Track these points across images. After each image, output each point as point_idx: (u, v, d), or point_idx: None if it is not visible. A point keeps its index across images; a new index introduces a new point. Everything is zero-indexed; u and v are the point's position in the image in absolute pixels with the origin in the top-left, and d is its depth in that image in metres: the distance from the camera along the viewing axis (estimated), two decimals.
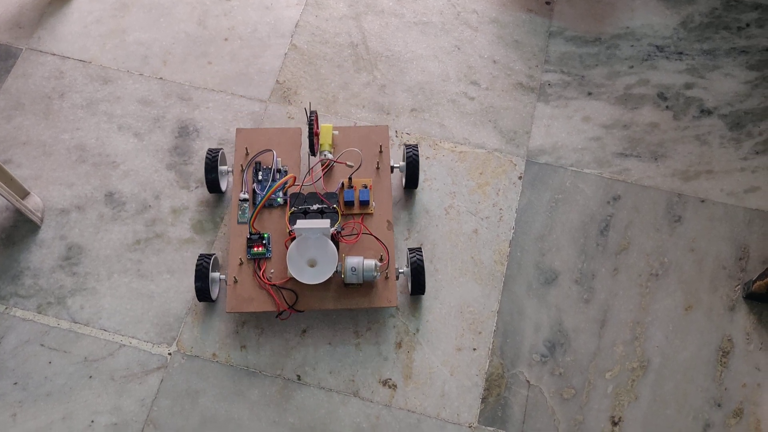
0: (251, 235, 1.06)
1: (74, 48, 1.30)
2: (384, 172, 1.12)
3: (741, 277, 1.12)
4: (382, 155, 1.12)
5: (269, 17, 1.34)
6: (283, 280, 1.03)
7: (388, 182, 1.11)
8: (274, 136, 1.14)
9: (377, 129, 1.15)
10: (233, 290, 1.03)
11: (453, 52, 1.31)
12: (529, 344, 1.08)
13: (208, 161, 1.12)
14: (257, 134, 1.14)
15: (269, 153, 1.12)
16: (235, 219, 1.07)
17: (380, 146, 1.13)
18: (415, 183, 1.14)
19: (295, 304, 1.02)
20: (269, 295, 1.03)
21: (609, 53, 1.31)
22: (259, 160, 1.11)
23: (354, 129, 1.15)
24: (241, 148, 1.12)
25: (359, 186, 1.09)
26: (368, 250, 1.06)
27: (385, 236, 1.07)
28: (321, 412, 1.03)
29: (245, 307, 1.02)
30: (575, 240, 1.15)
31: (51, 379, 1.04)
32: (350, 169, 1.10)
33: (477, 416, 1.03)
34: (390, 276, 1.04)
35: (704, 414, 1.04)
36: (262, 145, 1.13)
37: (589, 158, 1.21)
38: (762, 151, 1.22)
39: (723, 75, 1.28)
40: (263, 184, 1.10)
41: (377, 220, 1.08)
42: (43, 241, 1.13)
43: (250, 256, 1.05)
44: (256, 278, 1.03)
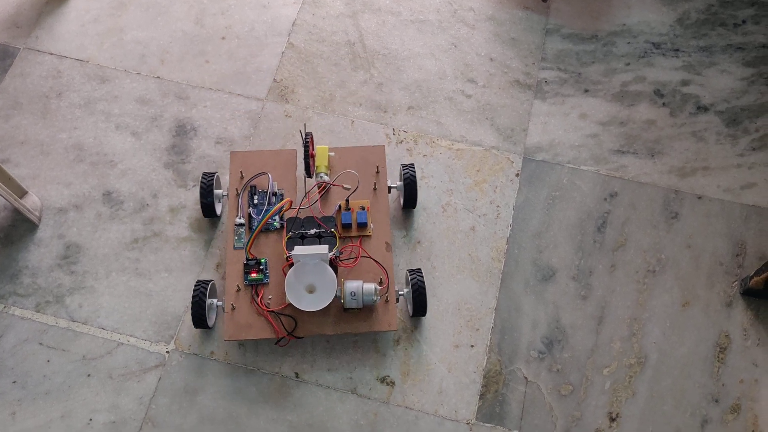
0: (248, 261, 1.03)
1: (72, 47, 1.30)
2: (381, 193, 1.10)
3: (738, 273, 1.12)
4: (379, 176, 1.11)
5: (266, 16, 1.34)
6: (282, 306, 1.02)
7: (385, 203, 1.10)
8: (269, 159, 1.12)
9: (373, 149, 1.13)
10: (231, 318, 1.01)
11: (450, 49, 1.31)
12: (527, 341, 1.08)
13: (203, 186, 1.10)
14: (252, 157, 1.12)
15: (264, 176, 1.10)
16: (231, 244, 1.05)
17: (377, 167, 1.11)
18: (413, 203, 1.12)
19: (294, 330, 1.01)
20: (267, 321, 1.01)
21: (606, 50, 1.31)
22: (255, 183, 1.10)
23: (350, 150, 1.13)
24: (236, 171, 1.10)
25: (356, 208, 1.08)
26: (367, 272, 1.04)
27: (384, 258, 1.05)
28: (319, 409, 1.03)
29: (243, 335, 1.01)
30: (572, 237, 1.15)
31: (50, 378, 1.04)
32: (347, 191, 1.08)
33: (475, 413, 1.03)
34: (390, 299, 1.03)
35: (702, 410, 1.04)
36: (257, 168, 1.10)
37: (586, 155, 1.22)
38: (758, 148, 1.22)
39: (719, 72, 1.29)
40: (259, 208, 1.08)
41: (376, 241, 1.07)
42: (42, 240, 1.13)
43: (247, 282, 1.03)
44: (254, 305, 1.02)
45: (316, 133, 1.22)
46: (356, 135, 1.22)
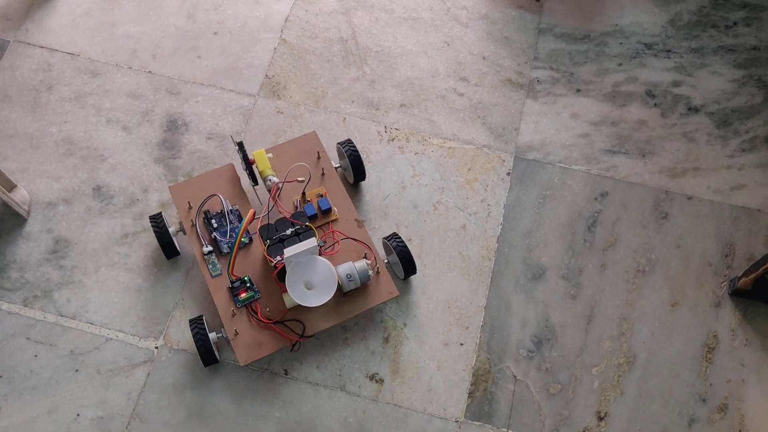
0: (233, 284, 1.02)
1: (62, 41, 1.29)
2: (331, 176, 1.11)
3: (727, 274, 1.13)
4: (322, 160, 1.11)
5: (259, 11, 1.33)
6: (283, 313, 1.01)
7: (338, 184, 1.10)
8: (210, 180, 1.09)
9: (307, 137, 1.13)
10: (238, 342, 0.99)
11: (442, 48, 1.31)
12: (516, 339, 1.08)
13: (158, 229, 1.06)
14: (192, 184, 1.09)
15: (213, 198, 1.07)
16: (208, 274, 1.03)
17: (317, 153, 1.12)
18: (362, 175, 1.14)
19: (303, 331, 1.01)
20: (275, 333, 1.00)
21: (598, 50, 1.31)
22: (206, 208, 1.07)
23: (286, 145, 1.12)
24: (183, 203, 1.07)
25: (314, 197, 1.08)
26: (349, 252, 1.05)
27: (361, 234, 1.07)
28: (308, 406, 1.03)
29: (258, 354, 0.99)
30: (563, 236, 1.15)
31: (37, 373, 1.04)
32: (301, 185, 1.08)
33: (464, 411, 1.03)
34: (381, 269, 1.05)
35: (689, 409, 1.04)
36: (201, 194, 1.07)
37: (577, 155, 1.22)
38: (748, 149, 1.23)
39: (710, 73, 1.29)
40: (221, 231, 1.06)
41: (345, 222, 1.08)
42: (30, 234, 1.13)
43: (240, 304, 1.01)
44: (255, 322, 1.01)
45: (308, 129, 1.22)
46: (348, 132, 1.22)
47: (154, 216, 1.07)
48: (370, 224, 1.15)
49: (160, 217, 1.07)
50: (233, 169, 1.11)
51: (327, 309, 1.02)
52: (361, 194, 1.17)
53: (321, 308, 1.01)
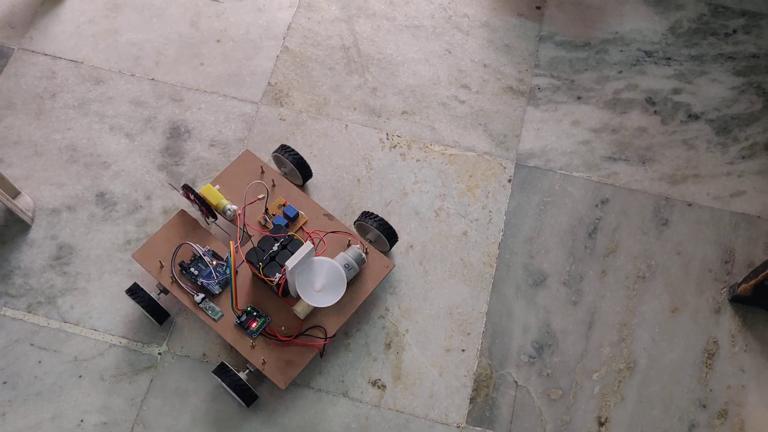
0: (239, 318, 1.01)
1: (66, 48, 1.30)
2: (282, 184, 1.11)
3: (726, 280, 1.14)
4: (266, 174, 1.11)
5: (261, 19, 1.34)
6: (299, 325, 1.01)
7: (293, 189, 1.11)
8: (170, 233, 1.06)
9: (244, 157, 1.12)
10: (270, 370, 0.99)
11: (444, 55, 1.32)
12: (518, 345, 1.09)
13: (144, 300, 1.03)
14: (154, 244, 1.05)
15: (183, 247, 1.04)
16: (210, 320, 1.01)
17: (261, 167, 1.11)
18: (309, 174, 1.15)
19: (326, 334, 1.01)
20: (300, 346, 1.00)
21: (598, 58, 1.32)
22: (179, 260, 1.04)
23: (227, 172, 1.11)
24: (153, 265, 1.04)
25: (277, 209, 1.09)
26: (333, 246, 1.06)
27: (337, 225, 1.08)
28: (311, 412, 1.03)
29: (293, 372, 0.99)
30: (564, 242, 1.16)
31: (41, 379, 1.04)
32: (260, 204, 1.08)
33: (465, 416, 1.04)
34: (368, 249, 1.06)
35: (689, 415, 1.05)
36: (165, 249, 1.04)
37: (578, 162, 1.23)
38: (748, 156, 1.24)
39: (710, 80, 1.30)
40: (204, 274, 1.03)
41: (316, 221, 1.09)
42: (34, 241, 1.13)
43: (255, 334, 1.00)
44: (276, 344, 1.00)
45: (310, 137, 1.23)
46: (350, 139, 1.23)
47: (131, 289, 1.04)
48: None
49: (136, 288, 1.04)
50: (186, 215, 1.08)
51: (337, 304, 1.01)
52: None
53: (332, 307, 1.01)
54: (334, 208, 1.17)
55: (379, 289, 1.11)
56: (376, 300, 1.11)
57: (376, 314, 1.10)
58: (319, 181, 1.19)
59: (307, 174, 1.15)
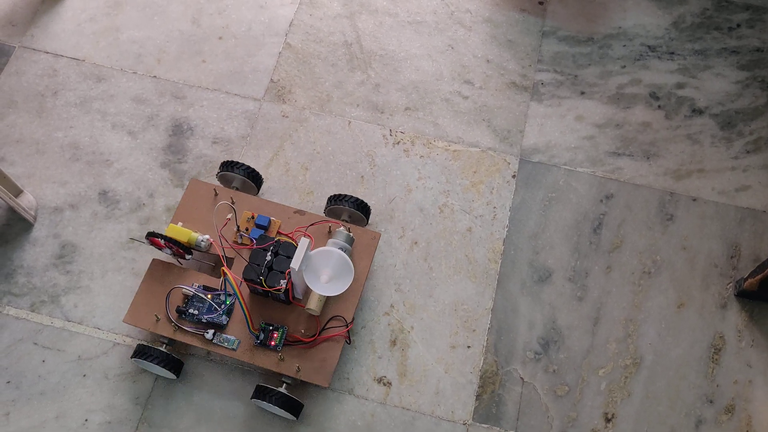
0: (258, 338, 0.99)
1: (68, 46, 1.29)
2: (241, 198, 1.07)
3: (732, 275, 1.13)
4: (219, 195, 1.08)
5: (263, 16, 1.34)
6: (316, 322, 1.00)
7: (252, 199, 1.08)
8: (152, 285, 1.02)
9: (193, 186, 1.09)
10: (307, 373, 0.98)
11: (447, 51, 1.31)
12: (523, 342, 1.08)
13: (156, 357, 0.99)
14: (140, 302, 1.01)
15: (174, 291, 1.02)
16: (230, 351, 0.99)
17: (214, 190, 1.08)
18: (261, 180, 1.13)
19: (346, 321, 1.00)
20: (326, 340, 1.00)
21: (601, 53, 1.31)
22: (176, 306, 1.01)
23: (182, 207, 1.07)
24: (149, 322, 1.00)
25: (248, 223, 1.05)
26: (320, 238, 1.05)
27: (312, 218, 1.06)
28: (316, 410, 1.03)
29: (329, 368, 0.98)
30: (569, 238, 1.15)
31: (45, 378, 1.04)
32: (230, 225, 1.05)
33: (471, 413, 1.03)
34: (350, 228, 1.05)
35: (696, 410, 1.04)
36: (156, 302, 1.01)
37: (582, 157, 1.22)
38: (752, 151, 1.23)
39: (714, 75, 1.30)
40: (206, 310, 1.00)
41: (289, 221, 1.06)
42: (37, 240, 1.13)
43: (280, 347, 0.99)
44: (304, 348, 0.99)
45: (313, 133, 1.22)
46: (353, 136, 1.23)
47: (137, 352, 1.00)
48: (376, 227, 1.15)
49: (148, 349, 1.00)
50: (159, 262, 1.04)
51: None
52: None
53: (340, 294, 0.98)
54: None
55: (383, 286, 1.10)
56: (381, 297, 1.10)
57: (381, 311, 1.09)
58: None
59: (259, 181, 1.13)
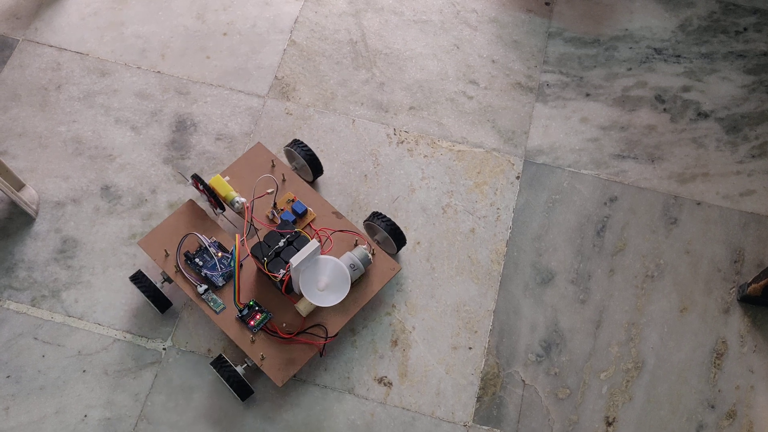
0: (241, 312, 1.00)
1: (72, 40, 1.29)
2: (292, 179, 1.10)
3: (736, 280, 1.13)
4: (277, 167, 1.10)
5: (268, 13, 1.33)
6: (301, 322, 1.01)
7: (302, 184, 1.10)
8: (177, 222, 1.06)
9: (256, 149, 1.11)
10: (268, 366, 0.98)
11: (452, 50, 1.31)
12: (525, 344, 1.08)
13: (146, 288, 1.02)
14: (160, 232, 1.05)
15: (190, 237, 1.04)
16: (212, 312, 1.00)
17: (272, 161, 1.11)
18: (320, 169, 1.14)
19: (327, 334, 1.00)
20: (301, 343, 1.00)
21: (607, 55, 1.31)
22: (185, 250, 1.03)
23: (237, 163, 1.10)
24: (159, 254, 1.03)
25: (286, 204, 1.07)
26: (341, 245, 1.05)
27: (345, 224, 1.07)
28: (316, 408, 1.02)
29: (291, 371, 0.98)
30: (572, 240, 1.15)
31: (44, 373, 1.03)
32: (268, 198, 1.07)
33: (472, 415, 1.03)
34: (375, 250, 1.05)
35: (698, 415, 1.04)
36: (174, 238, 1.04)
37: (587, 159, 1.22)
38: (758, 155, 1.23)
39: (720, 78, 1.29)
40: (208, 266, 1.02)
41: (324, 218, 1.07)
42: (38, 234, 1.12)
43: (256, 329, 1.00)
44: (277, 341, 0.99)
45: (316, 131, 1.22)
46: (357, 134, 1.22)
47: (135, 275, 1.03)
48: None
49: (140, 275, 1.03)
50: (194, 204, 1.08)
51: (340, 304, 1.00)
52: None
53: (335, 306, 1.00)
54: (340, 204, 1.16)
55: (385, 286, 1.10)
56: (383, 297, 1.10)
57: (382, 311, 1.09)
58: (329, 179, 1.18)
59: (318, 170, 1.14)
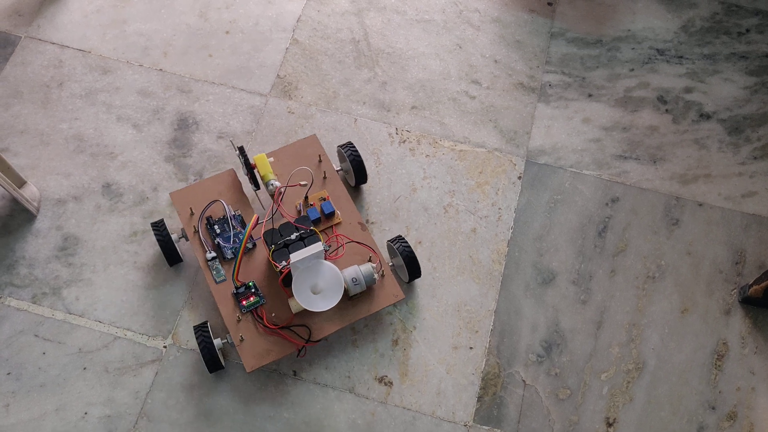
0: (237, 289, 1.01)
1: (74, 37, 1.29)
2: (332, 179, 1.10)
3: (737, 282, 1.13)
4: (323, 164, 1.11)
5: (271, 11, 1.33)
6: (289, 318, 1.00)
7: (340, 187, 1.09)
8: (211, 186, 1.08)
9: (308, 141, 1.12)
10: (244, 349, 0.98)
11: (454, 50, 1.31)
12: (526, 344, 1.08)
13: (161, 237, 1.05)
14: (194, 190, 1.08)
15: (216, 204, 1.06)
16: (212, 280, 1.02)
17: (318, 156, 1.11)
18: (364, 178, 1.13)
19: (309, 336, 1.00)
20: (282, 338, 0.99)
21: (610, 55, 1.31)
22: (208, 214, 1.06)
23: (286, 149, 1.11)
24: (184, 210, 1.06)
25: (317, 201, 1.07)
26: (354, 256, 1.04)
27: (365, 237, 1.06)
28: (316, 407, 1.02)
29: (264, 360, 0.98)
30: (573, 241, 1.15)
31: (45, 370, 1.03)
32: (304, 188, 1.07)
33: (473, 415, 1.03)
34: (386, 272, 1.04)
35: (698, 417, 1.04)
36: (202, 200, 1.06)
37: (589, 160, 1.22)
38: (760, 157, 1.23)
39: (722, 80, 1.29)
40: (224, 236, 1.04)
41: (348, 225, 1.07)
42: (39, 231, 1.12)
43: (245, 309, 1.00)
44: (261, 328, 1.00)
45: (318, 131, 1.22)
46: (359, 133, 1.22)
47: (156, 223, 1.06)
48: (380, 226, 1.14)
49: (161, 224, 1.06)
50: (234, 175, 1.10)
51: (333, 313, 1.01)
52: (363, 197, 1.16)
53: (327, 312, 1.00)
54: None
55: None
56: None
57: (383, 310, 1.09)
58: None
59: (362, 177, 1.13)
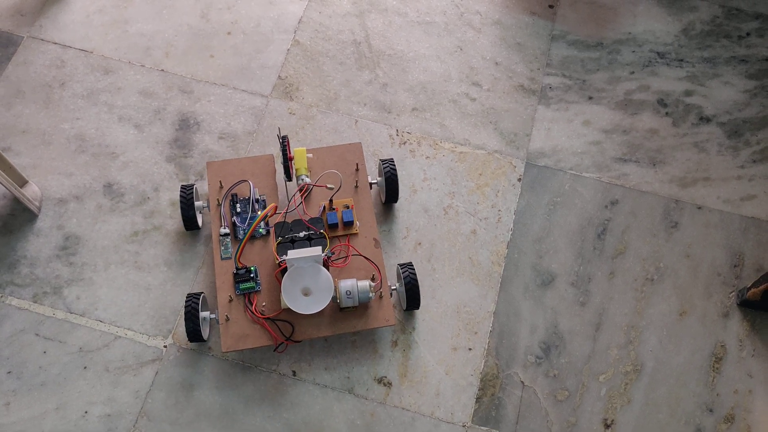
0: (238, 270, 1.02)
1: (76, 37, 1.29)
2: (363, 190, 1.10)
3: (735, 284, 1.13)
4: (359, 173, 1.11)
5: (273, 12, 1.33)
6: (277, 312, 1.01)
7: (368, 200, 1.09)
8: (247, 166, 1.10)
9: (351, 147, 1.13)
10: (226, 329, 1.00)
11: (455, 52, 1.31)
12: (525, 345, 1.08)
13: (184, 199, 1.08)
14: (229, 165, 1.10)
15: (245, 183, 1.08)
16: (218, 255, 1.04)
17: (356, 164, 1.11)
18: (395, 197, 1.12)
19: (291, 334, 1.00)
20: (264, 329, 1.00)
21: (610, 58, 1.31)
22: (235, 191, 1.08)
23: (328, 149, 1.12)
24: (215, 181, 1.09)
25: (341, 207, 1.07)
26: (359, 270, 1.04)
27: (374, 255, 1.05)
28: (316, 408, 1.03)
29: (241, 345, 0.99)
30: (572, 243, 1.15)
31: (45, 369, 1.04)
32: (330, 191, 1.07)
33: (471, 416, 1.03)
34: (384, 294, 1.03)
35: (696, 419, 1.04)
36: (235, 176, 1.09)
37: (589, 162, 1.22)
38: (759, 160, 1.23)
39: (722, 83, 1.29)
40: (242, 216, 1.06)
41: (363, 239, 1.07)
42: (41, 231, 1.13)
43: (239, 291, 1.01)
44: (248, 313, 1.01)
45: (319, 131, 1.22)
46: (360, 135, 1.22)
47: (186, 186, 1.09)
48: (379, 228, 1.15)
49: (191, 188, 1.09)
50: (272, 160, 1.12)
51: (321, 319, 1.01)
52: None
53: (315, 317, 1.01)
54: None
55: None
56: None
57: None
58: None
59: (393, 196, 1.12)
